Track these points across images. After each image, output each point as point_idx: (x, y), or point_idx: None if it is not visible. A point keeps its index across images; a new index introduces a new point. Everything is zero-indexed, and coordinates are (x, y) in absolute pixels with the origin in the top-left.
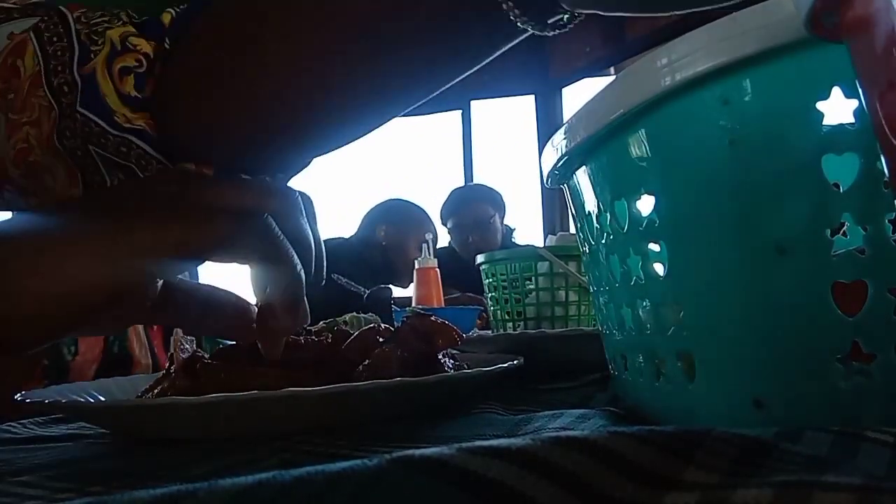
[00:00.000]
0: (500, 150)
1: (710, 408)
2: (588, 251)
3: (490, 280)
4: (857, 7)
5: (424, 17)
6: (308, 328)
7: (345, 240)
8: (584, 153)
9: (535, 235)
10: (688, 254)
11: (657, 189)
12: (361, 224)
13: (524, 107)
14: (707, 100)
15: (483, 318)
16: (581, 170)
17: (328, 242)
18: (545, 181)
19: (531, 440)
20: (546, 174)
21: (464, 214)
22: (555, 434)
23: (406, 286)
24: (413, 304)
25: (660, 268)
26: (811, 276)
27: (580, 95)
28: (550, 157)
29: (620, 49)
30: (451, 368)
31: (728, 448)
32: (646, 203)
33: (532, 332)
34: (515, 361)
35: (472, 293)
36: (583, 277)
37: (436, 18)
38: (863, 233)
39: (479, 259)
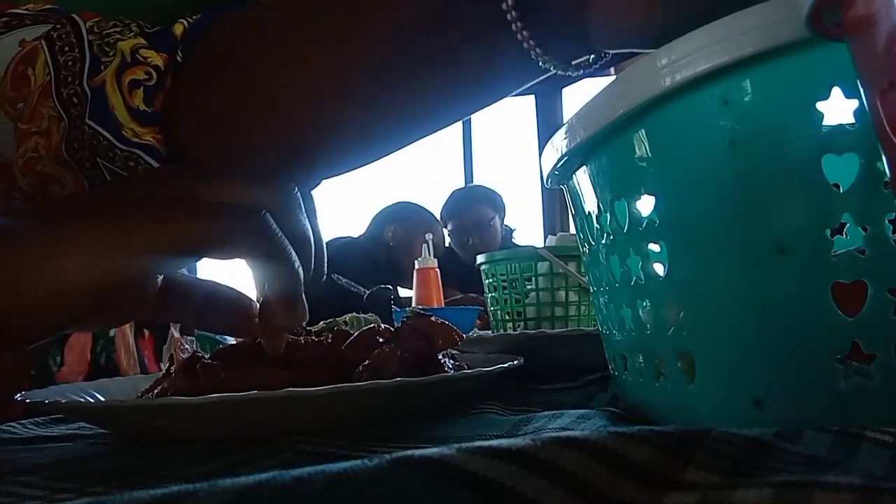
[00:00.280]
0: (500, 151)
1: (710, 408)
2: (588, 251)
3: (490, 280)
4: (858, 6)
5: (436, 50)
6: (308, 328)
7: (353, 239)
8: (584, 153)
9: (536, 236)
10: (688, 254)
11: (657, 189)
12: (370, 224)
13: (524, 107)
14: (707, 100)
15: (483, 319)
16: (581, 170)
17: (336, 241)
18: (545, 181)
19: (531, 440)
20: (546, 174)
21: (464, 216)
22: (555, 434)
23: (411, 287)
24: (413, 305)
25: (660, 268)
26: (811, 276)
27: (580, 95)
28: (550, 157)
29: None
30: (451, 368)
31: (728, 448)
32: (646, 203)
33: (532, 333)
34: (515, 361)
35: (473, 294)
36: (583, 277)
37: (446, 51)
38: (863, 233)
39: (480, 259)
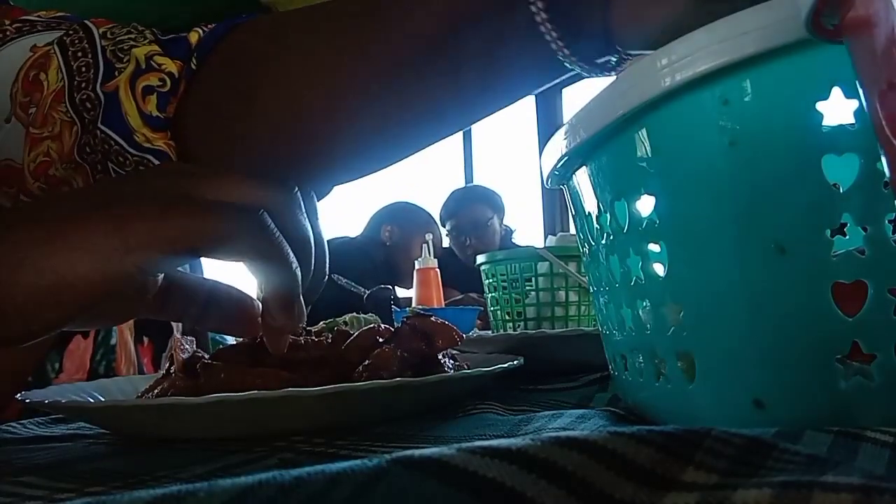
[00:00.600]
0: (500, 151)
1: (710, 408)
2: (588, 251)
3: (490, 280)
4: (858, 7)
5: (458, 54)
6: (308, 328)
7: (350, 239)
8: (584, 153)
9: (536, 236)
10: (688, 254)
11: (657, 189)
12: (368, 224)
13: (524, 107)
14: (707, 100)
15: (483, 319)
16: (581, 170)
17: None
18: (545, 181)
19: (531, 440)
20: (546, 174)
21: (461, 216)
22: (555, 434)
23: (410, 286)
24: (413, 305)
25: (660, 268)
26: (811, 276)
27: (580, 95)
28: (550, 158)
29: None
30: (451, 368)
31: (728, 448)
32: (646, 203)
33: (532, 333)
34: (515, 361)
35: (473, 294)
36: (583, 278)
37: (470, 55)
38: (863, 233)
39: (480, 259)
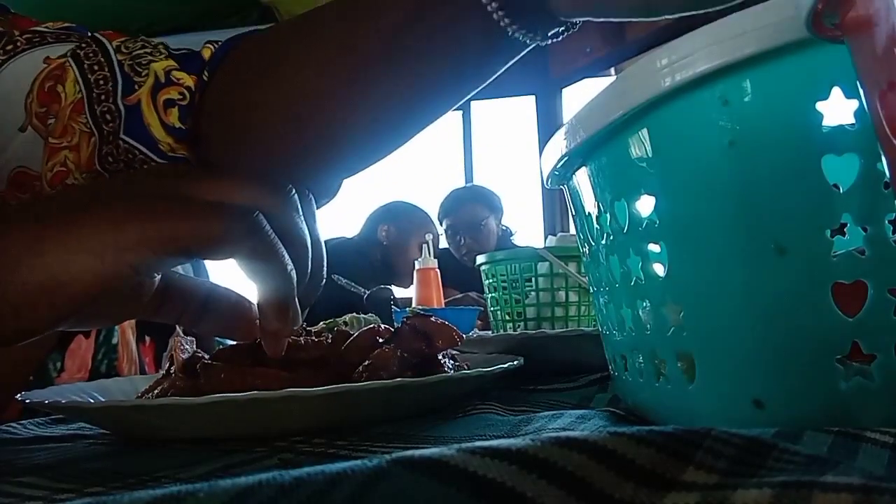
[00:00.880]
0: (501, 151)
1: (710, 408)
2: (588, 252)
3: (490, 280)
4: (858, 7)
5: (425, 39)
6: (308, 328)
7: (347, 239)
8: (584, 153)
9: (536, 236)
10: (688, 254)
11: (657, 189)
12: (364, 224)
13: (524, 107)
14: (707, 100)
15: (483, 319)
16: (581, 170)
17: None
18: (545, 181)
19: (531, 440)
20: (546, 174)
21: (457, 216)
22: (555, 434)
23: (407, 286)
24: (413, 305)
25: (660, 268)
26: (811, 276)
27: (580, 96)
28: (550, 158)
29: (620, 50)
30: (451, 368)
31: (728, 448)
32: (646, 203)
33: (532, 333)
34: (515, 361)
35: (473, 293)
36: (583, 278)
37: (436, 39)
38: (863, 233)
39: (480, 259)
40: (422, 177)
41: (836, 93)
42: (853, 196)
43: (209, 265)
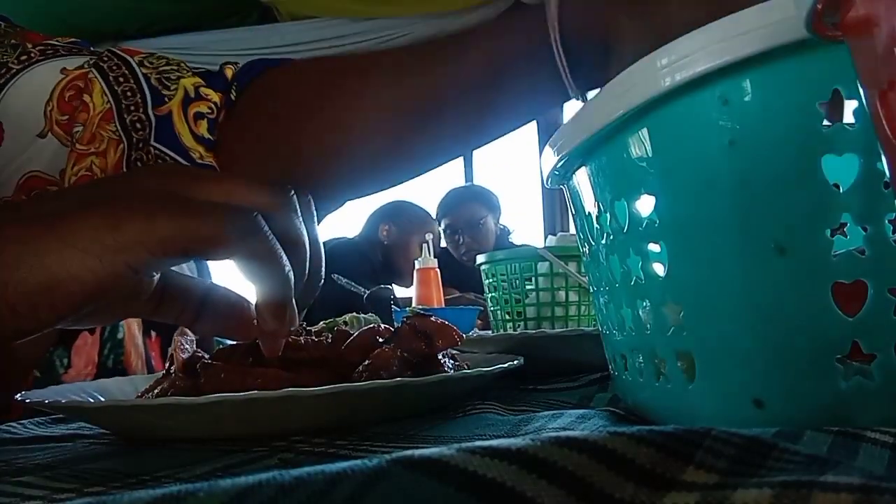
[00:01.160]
0: (500, 151)
1: (710, 408)
2: (588, 251)
3: (490, 280)
4: (858, 7)
5: (496, 90)
6: (308, 328)
7: (348, 239)
8: (584, 153)
9: (536, 236)
10: (688, 254)
11: (657, 189)
12: (365, 223)
13: None
14: (707, 100)
15: (483, 319)
16: (581, 170)
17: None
18: (545, 181)
19: (531, 440)
20: (546, 174)
21: (455, 215)
22: (555, 434)
23: (408, 286)
24: (413, 304)
25: (660, 268)
26: (811, 276)
27: None
28: (550, 157)
29: None
30: (451, 368)
31: (728, 448)
32: (646, 203)
33: (532, 332)
34: (515, 361)
35: (473, 293)
36: (583, 278)
37: (508, 91)
38: (863, 233)
39: (480, 259)
40: (422, 176)
41: (837, 93)
42: (853, 196)
43: (212, 265)
